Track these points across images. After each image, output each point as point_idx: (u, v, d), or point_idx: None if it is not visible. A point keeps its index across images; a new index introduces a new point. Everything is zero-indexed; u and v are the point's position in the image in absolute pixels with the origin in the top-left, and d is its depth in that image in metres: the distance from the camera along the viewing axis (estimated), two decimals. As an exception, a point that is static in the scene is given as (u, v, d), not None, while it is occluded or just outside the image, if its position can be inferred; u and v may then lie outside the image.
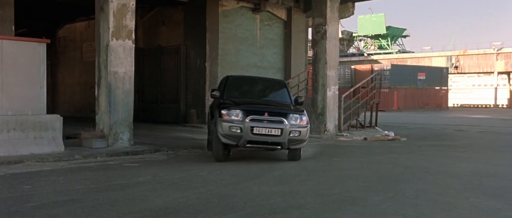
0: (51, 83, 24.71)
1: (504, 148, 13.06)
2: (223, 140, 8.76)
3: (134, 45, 11.34)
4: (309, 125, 9.26)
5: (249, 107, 8.99)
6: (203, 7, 18.85)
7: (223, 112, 8.83)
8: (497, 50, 50.10)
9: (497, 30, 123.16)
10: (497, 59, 49.88)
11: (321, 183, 7.33)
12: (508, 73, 50.30)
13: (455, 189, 6.87)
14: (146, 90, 21.69)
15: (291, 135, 8.81)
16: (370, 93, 17.58)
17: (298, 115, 9.09)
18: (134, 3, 11.42)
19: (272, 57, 21.58)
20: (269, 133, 8.73)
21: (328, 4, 14.89)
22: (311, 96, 15.66)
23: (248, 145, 8.81)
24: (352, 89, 16.94)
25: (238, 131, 8.64)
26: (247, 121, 8.64)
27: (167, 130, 16.67)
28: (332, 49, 15.06)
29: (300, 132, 8.92)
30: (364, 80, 18.55)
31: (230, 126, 8.66)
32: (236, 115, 8.74)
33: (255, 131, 8.67)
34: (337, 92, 15.27)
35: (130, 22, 11.22)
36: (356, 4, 21.79)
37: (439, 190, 6.80)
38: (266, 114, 8.85)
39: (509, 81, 50.64)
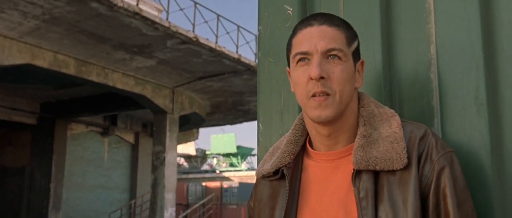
0: None
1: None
2: None
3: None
4: None
5: None
6: (51, 130, 19.81)
7: None
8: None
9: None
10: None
11: None
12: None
13: None
14: (-15, 211, 21.21)
15: None
16: (208, 212, 19.46)
17: None
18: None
19: (119, 178, 22.74)
20: None
21: (168, 134, 16.97)
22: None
23: None
24: (189, 210, 18.70)
25: None
26: None
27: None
28: (170, 174, 16.91)
29: None
30: (202, 201, 20.46)
31: None
32: None
33: None
34: (174, 214, 16.88)
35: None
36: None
37: None
38: None
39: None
